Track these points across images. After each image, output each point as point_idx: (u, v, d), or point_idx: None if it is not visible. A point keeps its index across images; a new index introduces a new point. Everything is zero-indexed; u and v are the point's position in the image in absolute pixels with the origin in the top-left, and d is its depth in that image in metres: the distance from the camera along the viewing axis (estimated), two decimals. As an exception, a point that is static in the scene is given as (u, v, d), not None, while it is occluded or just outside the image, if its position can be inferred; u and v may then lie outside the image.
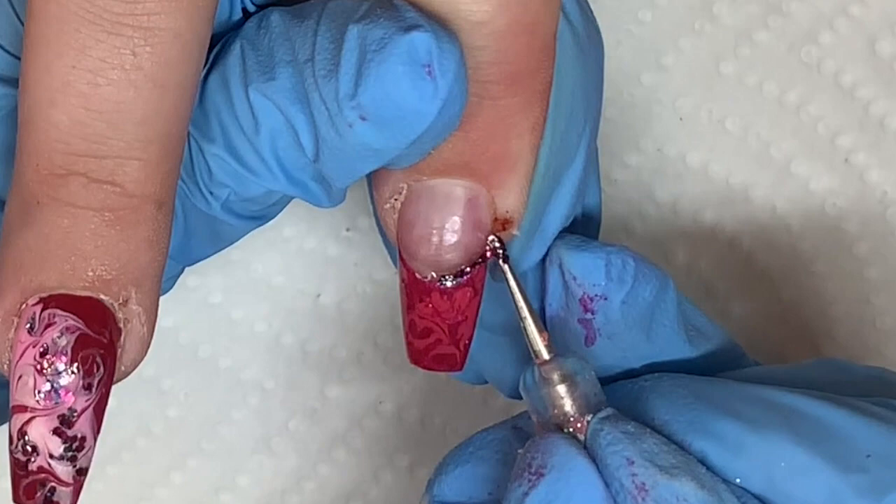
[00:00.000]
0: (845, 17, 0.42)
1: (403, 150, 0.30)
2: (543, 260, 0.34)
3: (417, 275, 0.32)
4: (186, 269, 0.36)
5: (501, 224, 0.32)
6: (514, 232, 0.32)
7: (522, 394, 0.32)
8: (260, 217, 0.35)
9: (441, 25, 0.29)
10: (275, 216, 0.35)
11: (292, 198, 0.34)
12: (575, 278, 0.34)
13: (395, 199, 0.31)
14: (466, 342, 0.33)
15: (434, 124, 0.29)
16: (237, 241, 0.36)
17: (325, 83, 0.29)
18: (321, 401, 0.43)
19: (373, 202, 0.33)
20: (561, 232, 0.34)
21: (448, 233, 0.31)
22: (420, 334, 0.33)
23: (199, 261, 0.36)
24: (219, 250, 0.36)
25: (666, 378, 0.34)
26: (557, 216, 0.34)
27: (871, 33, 0.42)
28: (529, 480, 0.31)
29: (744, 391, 0.33)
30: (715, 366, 0.36)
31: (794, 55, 0.42)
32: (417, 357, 0.33)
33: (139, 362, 0.30)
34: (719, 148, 0.42)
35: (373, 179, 0.32)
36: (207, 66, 0.32)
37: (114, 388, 0.30)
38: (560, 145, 0.33)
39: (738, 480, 0.31)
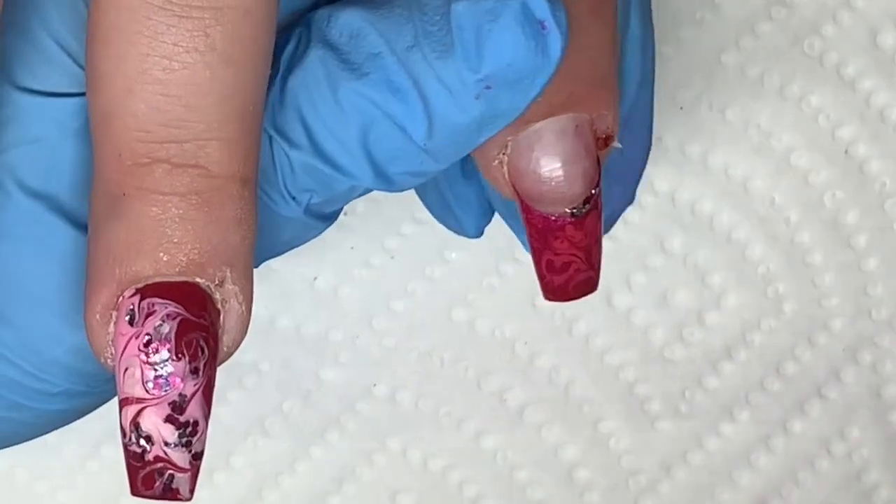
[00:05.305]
0: (848, 10, 0.41)
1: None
2: None
3: (549, 216, 0.32)
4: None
5: (604, 141, 0.32)
6: (616, 144, 0.32)
7: None
8: (331, 217, 0.35)
9: None
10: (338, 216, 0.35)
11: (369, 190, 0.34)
12: None
13: (503, 154, 0.32)
14: (599, 260, 0.34)
15: (555, 72, 0.29)
16: (307, 242, 0.35)
17: (440, 64, 0.29)
18: (316, 383, 0.43)
19: (464, 172, 0.34)
20: None
21: (567, 166, 0.32)
22: (560, 270, 0.33)
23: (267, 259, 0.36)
24: (287, 251, 0.36)
25: None
26: (632, 81, 0.34)
27: (873, 25, 0.41)
28: None
29: None
30: None
31: (796, 47, 0.42)
32: (559, 292, 0.34)
33: (240, 341, 0.30)
34: (719, 138, 0.42)
35: None
36: (282, 69, 0.31)
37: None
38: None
39: None
